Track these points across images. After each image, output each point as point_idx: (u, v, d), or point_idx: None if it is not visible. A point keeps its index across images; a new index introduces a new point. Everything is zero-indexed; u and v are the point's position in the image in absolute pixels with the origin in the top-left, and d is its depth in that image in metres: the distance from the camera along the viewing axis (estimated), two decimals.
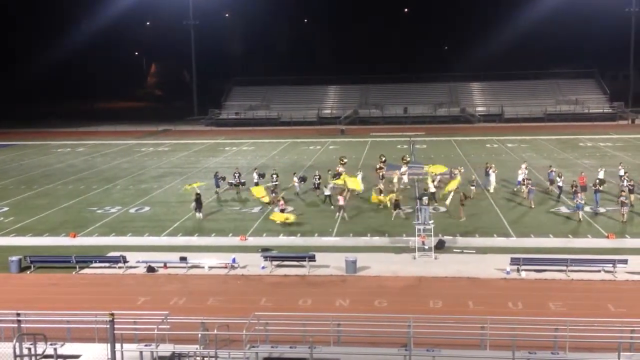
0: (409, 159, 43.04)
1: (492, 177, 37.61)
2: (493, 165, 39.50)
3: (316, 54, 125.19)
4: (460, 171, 38.35)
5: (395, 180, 38.30)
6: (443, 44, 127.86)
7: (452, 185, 33.62)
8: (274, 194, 35.44)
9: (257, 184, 38.61)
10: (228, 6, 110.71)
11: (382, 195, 33.69)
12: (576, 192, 32.47)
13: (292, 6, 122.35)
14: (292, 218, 31.28)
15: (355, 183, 35.30)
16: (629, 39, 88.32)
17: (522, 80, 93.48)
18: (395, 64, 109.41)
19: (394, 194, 32.78)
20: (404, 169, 40.28)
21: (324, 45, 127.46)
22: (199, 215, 32.63)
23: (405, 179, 39.65)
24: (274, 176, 39.08)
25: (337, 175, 37.50)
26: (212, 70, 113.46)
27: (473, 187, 36.25)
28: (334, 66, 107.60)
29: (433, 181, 35.73)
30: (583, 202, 31.08)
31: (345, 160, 42.71)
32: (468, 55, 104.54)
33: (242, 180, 38.97)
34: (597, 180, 33.71)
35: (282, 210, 31.91)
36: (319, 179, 38.13)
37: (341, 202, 32.20)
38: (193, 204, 32.93)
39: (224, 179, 39.68)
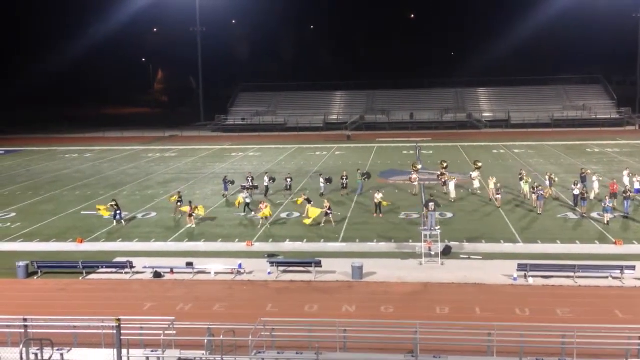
0: (480, 164, 41.91)
1: (596, 184, 36.27)
2: (589, 171, 39.30)
3: (322, 60, 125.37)
4: (461, 179, 38.34)
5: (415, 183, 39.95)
6: (449, 50, 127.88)
7: (314, 213, 31.77)
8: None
9: (267, 188, 39.35)
10: (234, 13, 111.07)
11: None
12: (584, 198, 32.88)
13: (298, 12, 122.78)
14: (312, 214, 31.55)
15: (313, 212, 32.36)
16: (636, 44, 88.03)
17: (529, 86, 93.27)
18: (402, 69, 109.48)
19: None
20: (475, 174, 39.94)
21: (330, 51, 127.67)
22: (123, 222, 33.05)
23: (476, 184, 39.24)
24: (288, 179, 40.16)
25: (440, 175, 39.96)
26: (219, 76, 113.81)
27: (499, 196, 35.80)
28: (340, 72, 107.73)
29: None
30: (611, 205, 31.28)
31: (447, 164, 42.32)
32: (474, 61, 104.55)
33: (255, 184, 39.48)
34: (627, 187, 33.68)
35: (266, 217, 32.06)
36: (346, 179, 39.38)
37: (263, 209, 32.15)
38: (113, 213, 33.28)
39: (232, 182, 40.14)
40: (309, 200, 33.28)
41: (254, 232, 31.02)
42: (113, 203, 33.79)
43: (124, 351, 15.02)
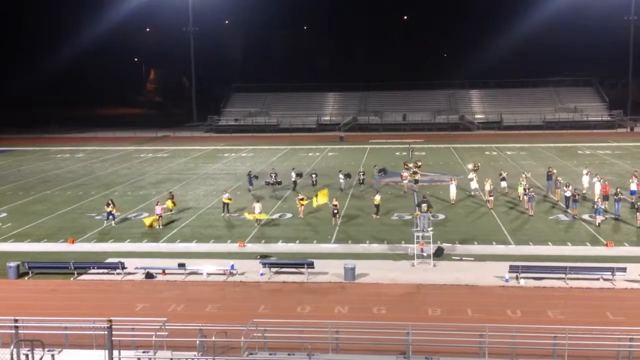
0: (472, 166, 41.87)
1: (597, 185, 35.68)
2: (555, 170, 40.05)
3: (315, 60, 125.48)
4: (454, 181, 38.35)
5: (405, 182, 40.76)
6: (442, 52, 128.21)
7: (321, 199, 33.07)
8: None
9: (295, 183, 40.78)
10: (228, 13, 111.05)
11: None
12: (576, 199, 33.04)
13: (291, 13, 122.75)
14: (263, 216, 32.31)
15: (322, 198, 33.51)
16: (628, 47, 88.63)
17: (521, 88, 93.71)
18: (395, 71, 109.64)
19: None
20: (471, 175, 39.78)
21: (323, 52, 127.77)
22: (112, 223, 33.00)
23: (473, 184, 39.06)
24: (314, 175, 42.20)
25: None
26: (212, 76, 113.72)
27: (491, 198, 35.63)
28: (333, 73, 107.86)
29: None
30: (603, 207, 31.51)
31: (420, 164, 44.66)
32: (467, 63, 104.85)
33: (279, 180, 40.63)
34: (618, 189, 33.82)
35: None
36: (363, 175, 41.54)
37: (257, 209, 32.24)
38: (105, 213, 33.23)
39: (257, 177, 41.51)
40: (302, 199, 33.89)
41: (247, 233, 30.98)
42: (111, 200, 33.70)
43: (116, 352, 14.98)
